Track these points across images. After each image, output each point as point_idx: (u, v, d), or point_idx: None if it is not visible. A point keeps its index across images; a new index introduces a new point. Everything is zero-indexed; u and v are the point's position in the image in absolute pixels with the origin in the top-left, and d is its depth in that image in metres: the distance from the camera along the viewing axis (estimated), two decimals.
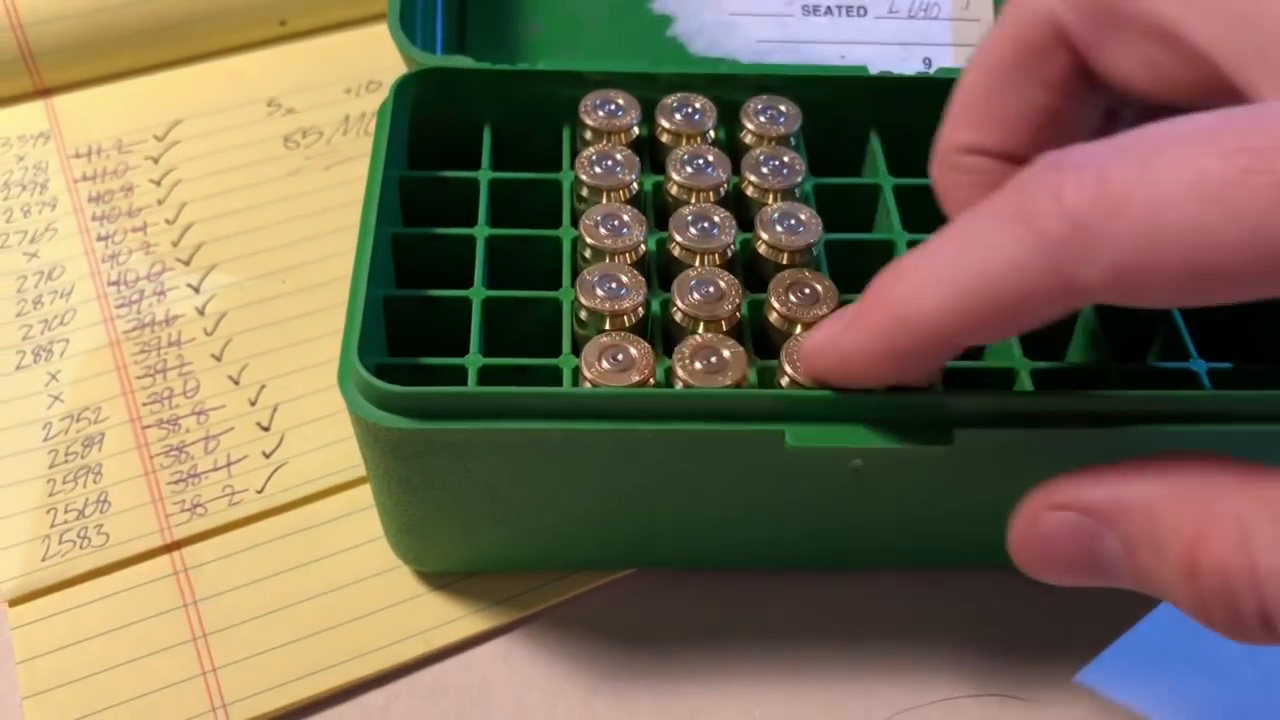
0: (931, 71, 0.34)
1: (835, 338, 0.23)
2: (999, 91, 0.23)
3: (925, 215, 0.31)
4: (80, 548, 0.29)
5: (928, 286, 0.20)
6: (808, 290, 0.27)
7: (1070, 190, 0.18)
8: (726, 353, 0.26)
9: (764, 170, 0.30)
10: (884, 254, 0.30)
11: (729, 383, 0.25)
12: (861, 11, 0.38)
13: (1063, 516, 0.20)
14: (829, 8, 0.38)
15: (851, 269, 0.30)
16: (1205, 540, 0.18)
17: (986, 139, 0.24)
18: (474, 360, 0.26)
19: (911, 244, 0.29)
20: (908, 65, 0.37)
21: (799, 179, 0.29)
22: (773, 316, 0.27)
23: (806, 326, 0.26)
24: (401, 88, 0.30)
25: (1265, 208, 0.16)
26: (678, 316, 0.27)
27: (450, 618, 0.29)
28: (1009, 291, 0.19)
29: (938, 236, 0.21)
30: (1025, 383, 0.27)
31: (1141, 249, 0.17)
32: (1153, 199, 0.17)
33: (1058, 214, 0.18)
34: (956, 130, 0.24)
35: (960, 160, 0.24)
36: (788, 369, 0.25)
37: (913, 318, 0.21)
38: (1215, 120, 0.17)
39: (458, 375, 0.26)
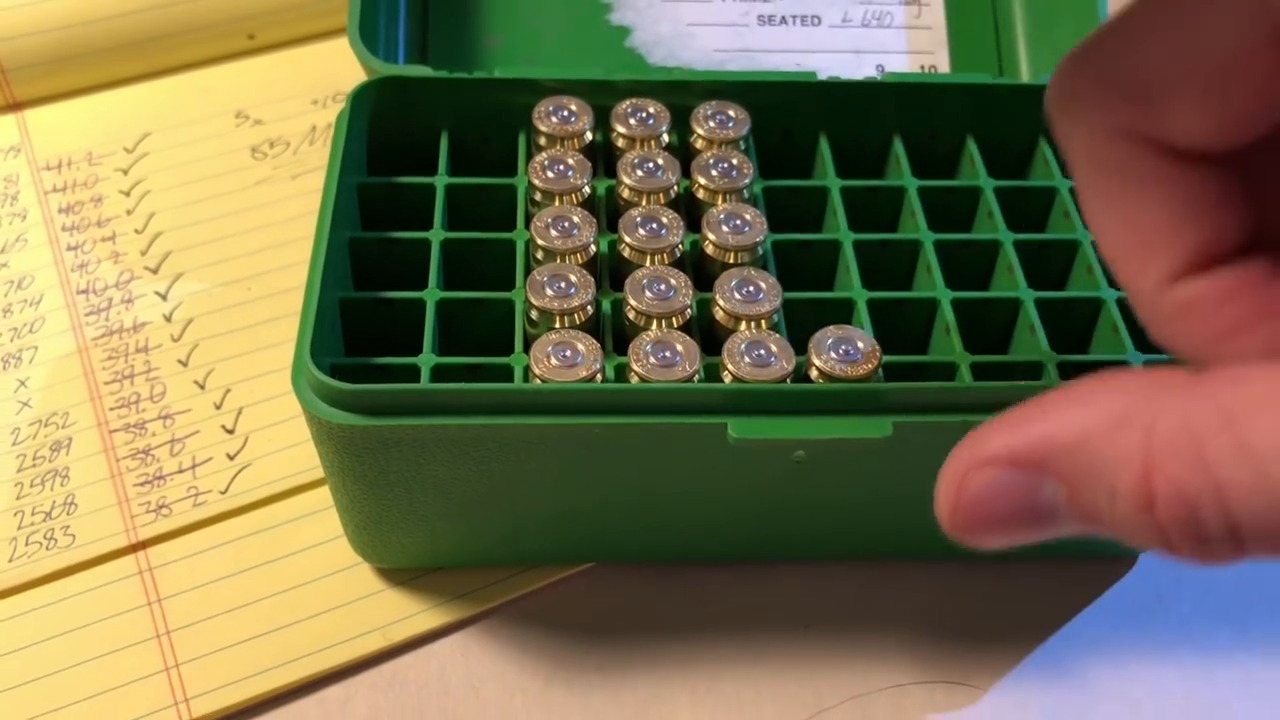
0: (880, 77, 0.35)
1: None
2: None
3: (870, 216, 0.32)
4: (47, 549, 0.30)
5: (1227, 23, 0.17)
6: (751, 288, 0.28)
7: None
8: (680, 346, 0.26)
9: (713, 173, 0.30)
10: (831, 253, 0.31)
11: (684, 376, 0.26)
12: (815, 21, 0.39)
13: (993, 474, 0.18)
14: (784, 18, 0.39)
15: (799, 268, 0.30)
16: (1158, 468, 0.16)
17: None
18: (427, 360, 0.27)
19: (857, 244, 0.30)
20: (861, 72, 0.38)
21: (746, 181, 0.30)
22: (718, 314, 0.27)
23: (750, 323, 0.27)
24: (359, 96, 0.31)
25: None
26: (631, 315, 0.28)
27: (409, 613, 0.29)
28: None
29: None
30: (966, 376, 0.28)
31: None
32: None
33: None
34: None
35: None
36: (730, 365, 0.26)
37: (1218, 56, 0.18)
38: None
39: (412, 374, 0.27)
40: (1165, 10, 0.18)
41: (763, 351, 0.26)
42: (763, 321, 0.27)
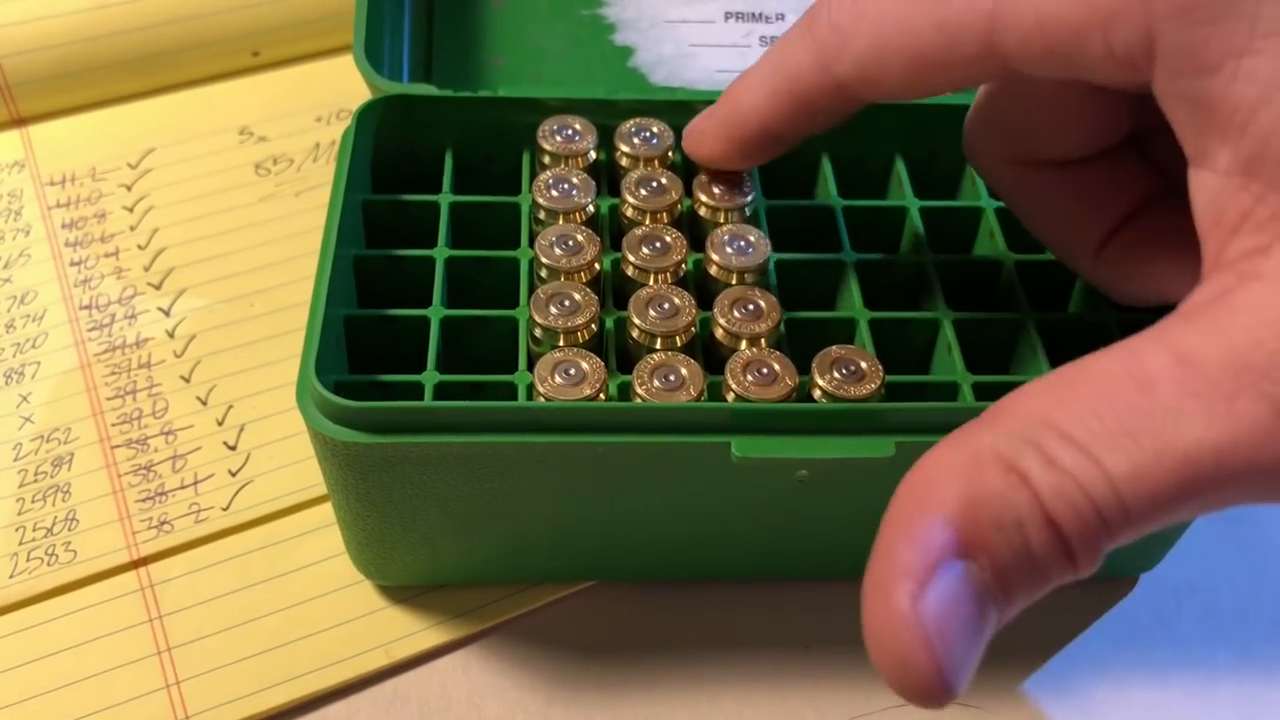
0: None
1: (697, 124, 0.29)
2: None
3: (873, 236, 0.32)
4: (48, 564, 0.30)
5: (753, 84, 0.27)
6: (751, 306, 0.28)
7: (835, 5, 0.24)
8: (684, 370, 0.27)
9: (715, 191, 0.30)
10: (834, 272, 0.31)
11: (687, 399, 0.26)
12: None
13: (940, 584, 0.18)
14: None
15: (801, 287, 0.31)
16: (1030, 479, 0.18)
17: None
18: (431, 377, 0.27)
19: (860, 264, 0.30)
20: None
21: (749, 199, 0.30)
22: (718, 332, 0.28)
23: (750, 342, 0.27)
24: (364, 114, 0.31)
25: (944, 3, 0.22)
26: (635, 334, 0.28)
27: (411, 630, 0.29)
28: (799, 86, 0.25)
29: (770, 47, 0.26)
30: (968, 396, 0.28)
31: (875, 45, 0.23)
32: (881, 3, 0.23)
33: (826, 21, 0.24)
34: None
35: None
36: (732, 384, 0.26)
37: (743, 107, 0.27)
38: None
39: (415, 392, 0.27)
40: (1001, 97, 0.26)
41: (765, 370, 0.26)
42: (763, 340, 0.28)
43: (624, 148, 0.32)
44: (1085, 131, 0.26)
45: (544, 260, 0.28)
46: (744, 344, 0.27)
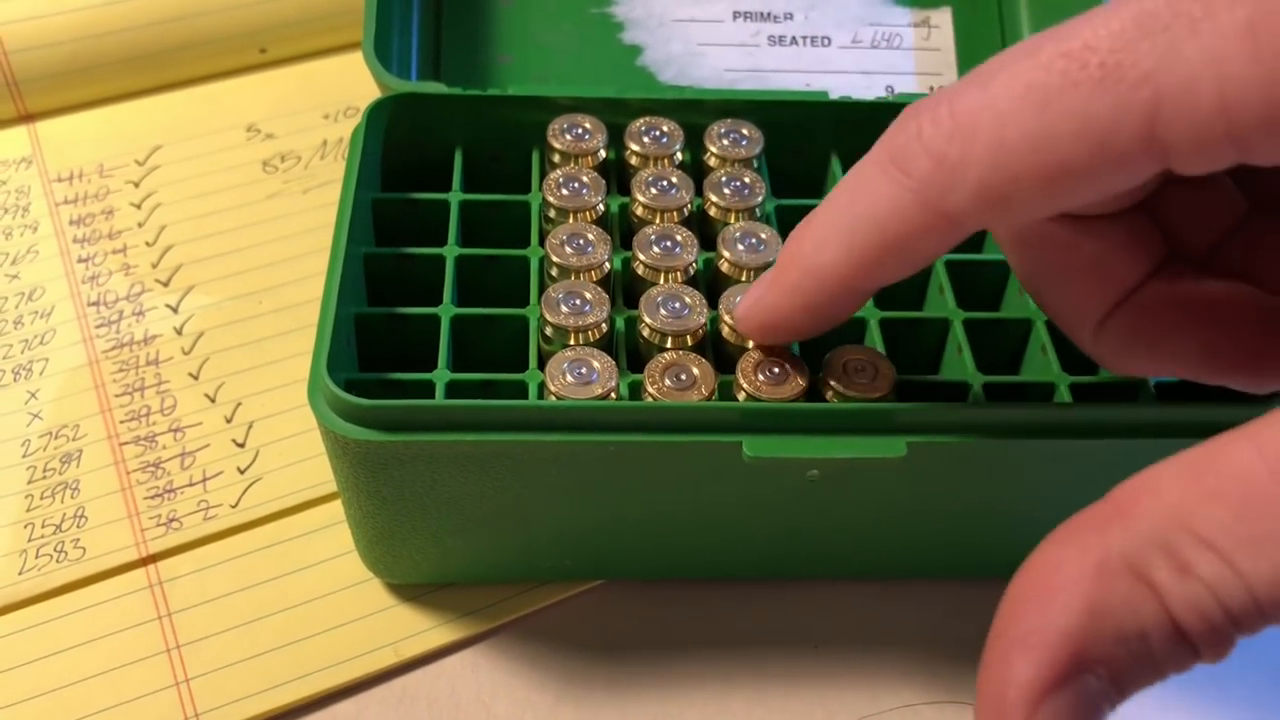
0: (891, 98, 0.35)
1: (759, 300, 0.25)
2: None
3: None
4: (57, 561, 0.30)
5: (828, 239, 0.22)
6: None
7: (928, 128, 0.20)
8: (695, 369, 0.27)
9: (726, 191, 0.30)
10: None
11: (698, 398, 0.26)
12: (825, 42, 0.39)
13: (1051, 704, 0.17)
14: (794, 38, 0.39)
15: None
16: (1162, 592, 0.17)
17: None
18: (442, 375, 0.27)
19: None
20: (870, 93, 0.38)
21: (759, 199, 0.30)
22: (725, 330, 0.28)
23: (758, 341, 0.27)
24: (374, 112, 0.31)
25: (1086, 102, 0.18)
26: (645, 333, 0.28)
27: (420, 629, 0.29)
28: (894, 231, 0.21)
29: (832, 192, 0.23)
30: (979, 395, 0.28)
31: (997, 166, 0.19)
32: (997, 118, 0.19)
33: (921, 151, 0.20)
34: None
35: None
36: (744, 383, 0.26)
37: (819, 271, 0.23)
38: (1035, 37, 0.19)
39: (426, 390, 0.27)
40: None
41: (776, 370, 0.26)
42: None
43: (634, 147, 0.32)
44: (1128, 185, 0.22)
45: (555, 259, 0.28)
46: (750, 344, 0.27)
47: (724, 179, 0.31)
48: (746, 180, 0.31)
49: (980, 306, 0.30)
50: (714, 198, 0.30)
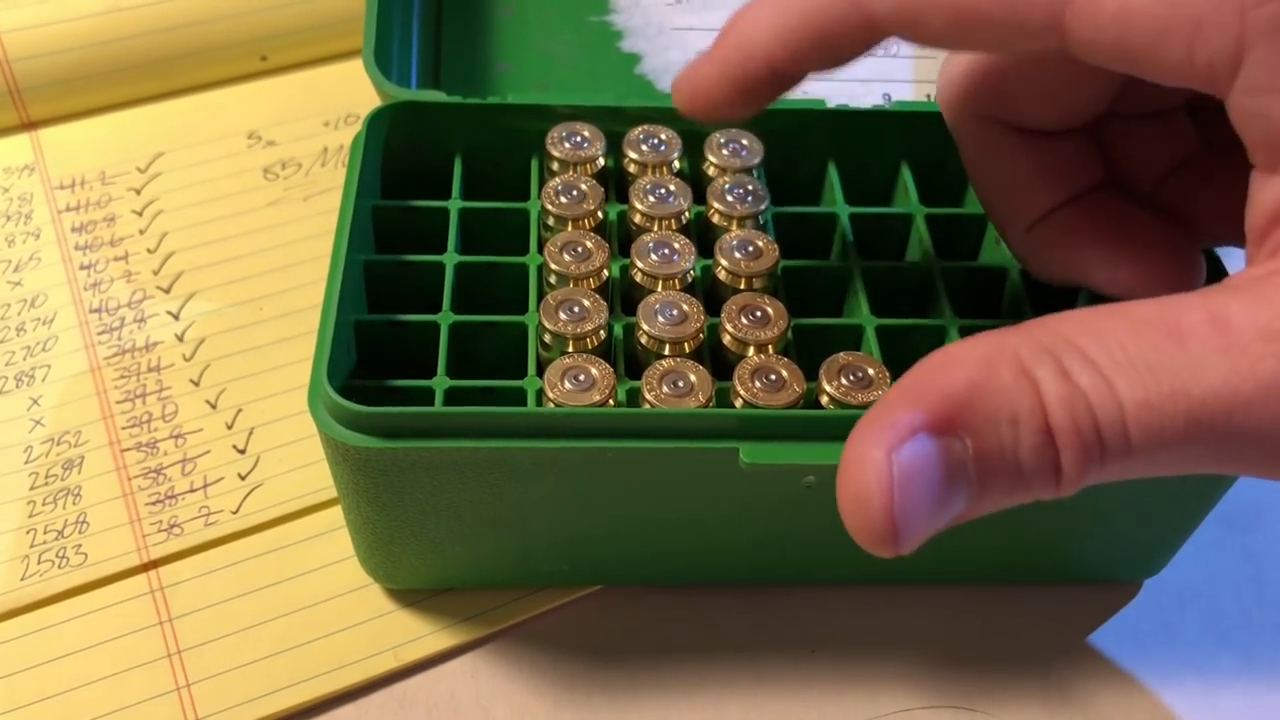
0: (888, 105, 0.35)
1: (693, 68, 0.26)
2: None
3: (880, 243, 0.32)
4: (59, 567, 0.30)
5: (761, 19, 0.24)
6: (759, 313, 0.28)
7: None
8: (693, 377, 0.27)
9: (729, 198, 0.31)
10: (841, 278, 0.31)
11: (696, 405, 0.26)
12: None
13: (917, 445, 0.18)
14: None
15: (809, 294, 0.31)
16: (1042, 389, 0.18)
17: None
18: (441, 382, 0.27)
19: (866, 271, 0.31)
20: (867, 101, 0.39)
21: (762, 206, 0.31)
22: (725, 339, 0.28)
23: (758, 348, 0.27)
24: (375, 120, 0.31)
25: None
26: (643, 340, 0.28)
27: (420, 634, 0.29)
28: (821, 22, 0.23)
29: None
30: None
31: None
32: None
33: None
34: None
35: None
36: (741, 390, 0.26)
37: (749, 46, 0.25)
38: None
39: (425, 397, 0.27)
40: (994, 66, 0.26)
41: (773, 377, 0.27)
42: (771, 346, 0.28)
43: (632, 154, 0.32)
44: (1070, 107, 0.26)
45: (553, 266, 0.29)
46: (752, 350, 0.27)
47: (727, 186, 0.31)
48: (749, 188, 0.31)
49: (977, 313, 0.30)
50: (717, 205, 0.31)
